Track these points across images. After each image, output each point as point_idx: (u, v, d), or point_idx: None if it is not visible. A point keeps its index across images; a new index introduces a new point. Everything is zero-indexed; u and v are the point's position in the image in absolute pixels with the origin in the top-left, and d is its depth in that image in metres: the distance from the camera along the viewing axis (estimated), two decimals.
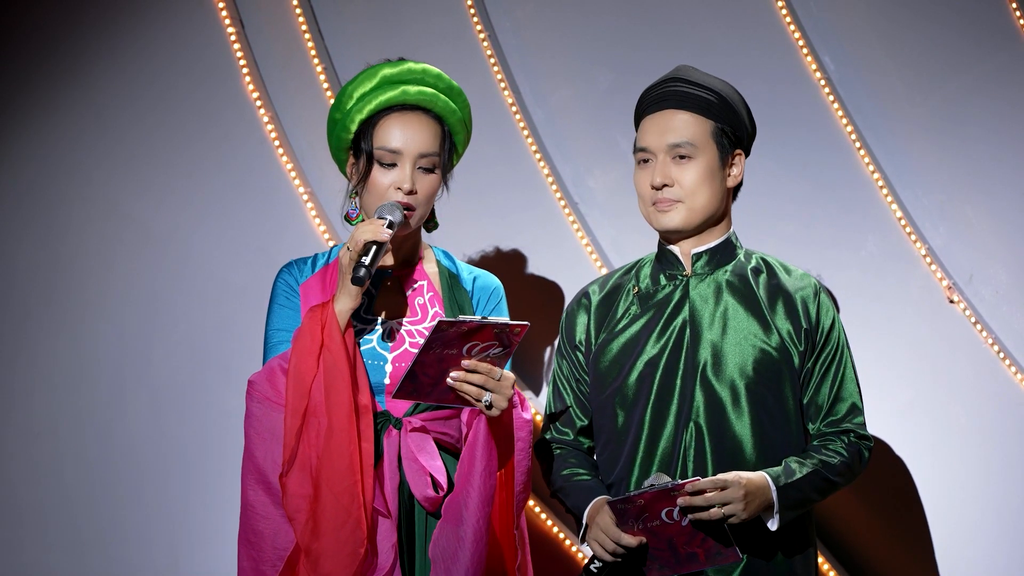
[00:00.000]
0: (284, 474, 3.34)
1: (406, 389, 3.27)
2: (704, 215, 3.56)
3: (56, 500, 4.66)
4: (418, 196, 3.47)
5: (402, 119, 3.49)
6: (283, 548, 3.35)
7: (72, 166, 4.75)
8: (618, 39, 4.68)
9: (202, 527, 4.60)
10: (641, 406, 3.53)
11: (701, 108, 3.56)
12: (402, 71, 3.51)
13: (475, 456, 3.34)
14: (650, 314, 3.59)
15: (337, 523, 3.32)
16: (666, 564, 3.40)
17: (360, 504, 3.33)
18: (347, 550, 3.32)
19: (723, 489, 3.34)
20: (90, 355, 4.68)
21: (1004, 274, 4.49)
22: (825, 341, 3.58)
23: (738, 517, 3.36)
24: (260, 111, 4.73)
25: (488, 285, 3.62)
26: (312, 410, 3.34)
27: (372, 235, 3.34)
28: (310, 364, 3.35)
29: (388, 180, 3.47)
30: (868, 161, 4.54)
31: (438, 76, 3.53)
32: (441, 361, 3.24)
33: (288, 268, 3.58)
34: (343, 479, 3.32)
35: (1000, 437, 4.44)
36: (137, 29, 4.79)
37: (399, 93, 3.49)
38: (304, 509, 3.33)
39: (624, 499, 3.34)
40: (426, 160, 3.48)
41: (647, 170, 3.57)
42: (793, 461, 3.48)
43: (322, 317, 3.37)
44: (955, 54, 4.53)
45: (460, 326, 3.19)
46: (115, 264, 4.71)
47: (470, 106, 3.58)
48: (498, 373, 3.28)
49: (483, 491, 3.33)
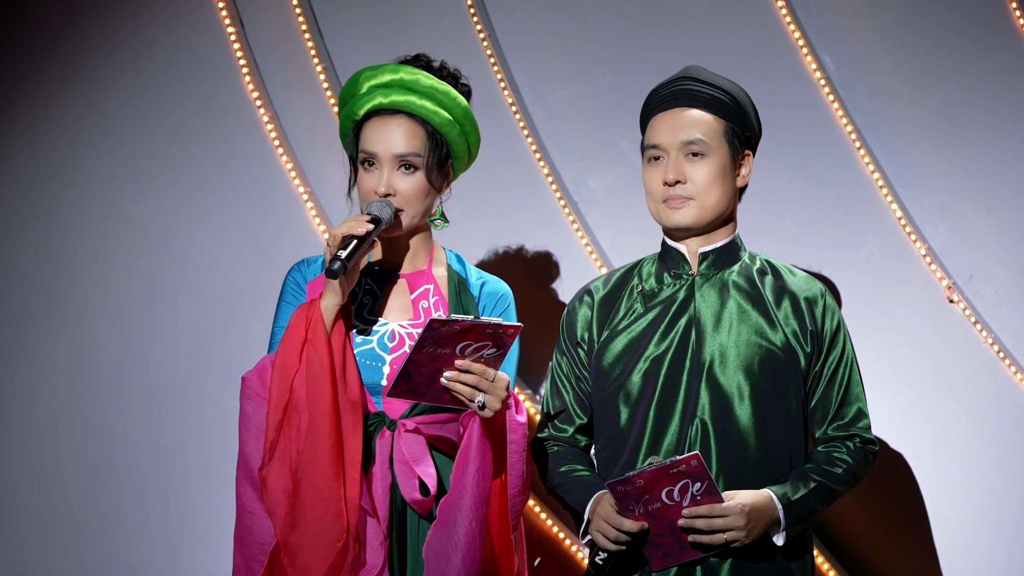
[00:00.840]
0: (263, 467, 3.35)
1: (400, 388, 3.27)
2: (715, 213, 3.56)
3: (56, 500, 4.66)
4: (401, 197, 3.49)
5: (380, 123, 3.52)
6: (267, 543, 3.36)
7: (72, 166, 4.75)
8: (618, 39, 4.68)
9: (202, 527, 4.60)
10: (645, 403, 3.53)
11: (714, 107, 3.56)
12: (377, 77, 3.54)
13: (468, 458, 3.35)
14: (655, 312, 3.59)
15: (316, 513, 3.32)
16: (669, 552, 3.40)
17: (340, 496, 3.33)
18: (326, 542, 3.32)
19: (723, 516, 3.35)
20: (90, 355, 4.68)
21: (1004, 274, 4.49)
22: (831, 344, 3.58)
23: (741, 542, 3.37)
24: (260, 111, 4.73)
25: (496, 291, 3.62)
26: (293, 405, 3.36)
27: (348, 229, 3.36)
28: (293, 359, 3.37)
29: (370, 183, 3.50)
30: (868, 161, 4.54)
31: (415, 80, 3.53)
32: (435, 360, 3.24)
33: (298, 266, 3.60)
34: (323, 472, 3.33)
35: (1000, 437, 4.44)
36: (137, 29, 4.79)
37: (376, 101, 3.52)
38: (283, 503, 3.34)
39: (624, 479, 3.34)
40: (403, 160, 3.50)
41: (658, 167, 3.57)
42: (798, 475, 3.49)
43: (308, 313, 3.40)
44: (955, 54, 4.53)
45: (452, 325, 3.19)
46: (115, 264, 4.71)
47: (466, 105, 3.58)
48: (491, 374, 3.28)
49: (476, 493, 3.33)
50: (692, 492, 3.34)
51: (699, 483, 3.33)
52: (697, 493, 3.34)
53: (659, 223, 3.61)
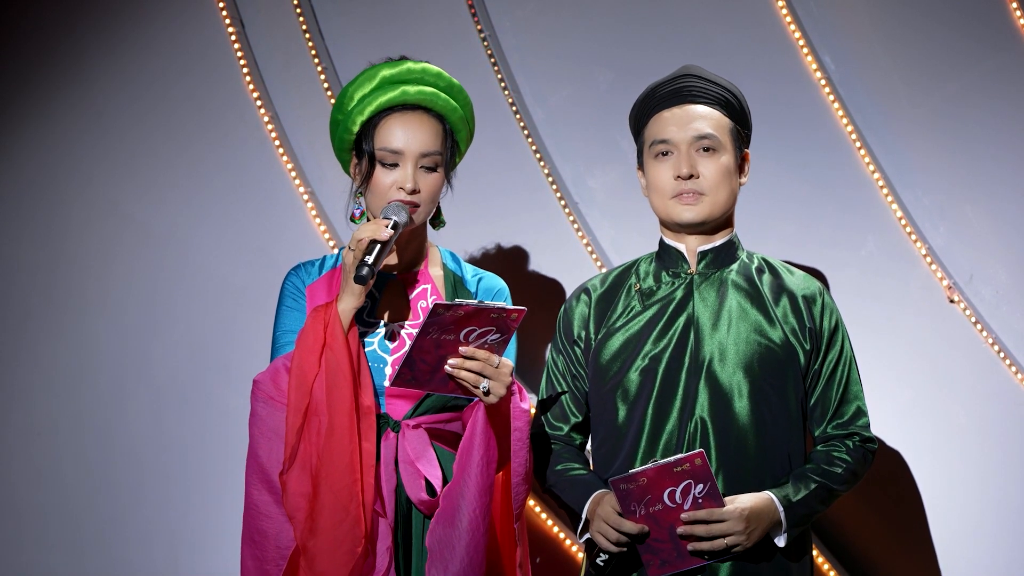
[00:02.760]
0: (284, 472, 3.34)
1: (404, 377, 3.26)
2: (723, 210, 3.57)
3: (56, 500, 4.66)
4: (421, 195, 3.47)
5: (403, 119, 3.49)
6: (286, 547, 3.35)
7: (72, 166, 4.75)
8: (618, 39, 4.68)
9: (202, 527, 4.60)
10: (643, 401, 3.53)
11: (720, 105, 3.57)
12: (401, 71, 3.51)
13: (473, 446, 3.34)
14: (653, 311, 3.59)
15: (335, 521, 3.31)
16: (667, 559, 3.39)
17: (359, 503, 3.33)
18: (344, 548, 3.31)
19: (722, 522, 3.35)
20: (90, 355, 4.69)
21: (1004, 274, 4.49)
22: (830, 342, 3.58)
23: (742, 546, 3.37)
24: (260, 111, 4.73)
25: (492, 287, 3.62)
26: (313, 409, 3.34)
27: (372, 234, 3.34)
28: (312, 362, 3.35)
29: (390, 180, 3.47)
30: (868, 161, 4.54)
31: (438, 75, 3.53)
32: (439, 347, 3.24)
33: (296, 270, 3.59)
34: (342, 477, 3.32)
35: (1000, 436, 4.44)
36: (137, 29, 4.79)
37: (399, 93, 3.50)
38: (303, 508, 3.33)
39: (627, 477, 3.33)
40: (428, 159, 3.48)
41: (667, 163, 3.56)
42: (798, 476, 3.49)
43: (325, 316, 3.38)
44: (956, 54, 4.53)
45: (456, 310, 3.19)
46: (115, 264, 4.72)
47: (472, 103, 3.59)
48: (496, 360, 3.28)
49: (480, 481, 3.33)
50: (694, 494, 3.34)
51: (701, 484, 3.32)
52: (699, 495, 3.33)
53: (666, 219, 3.60)
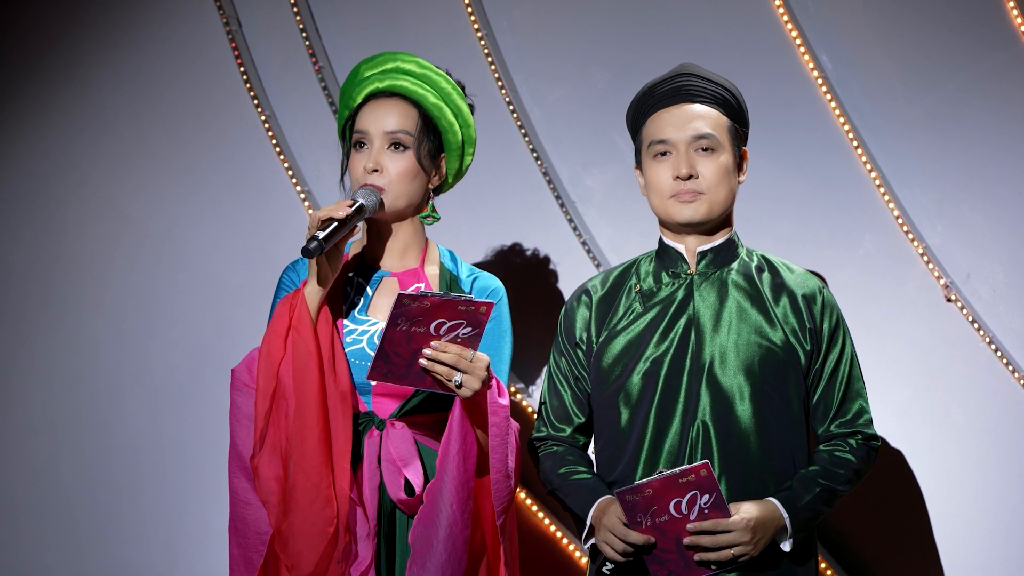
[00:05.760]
0: (255, 456, 3.36)
1: (380, 370, 3.27)
2: (722, 209, 3.57)
3: (54, 499, 4.66)
4: (389, 175, 3.50)
5: (374, 105, 3.57)
6: (264, 533, 3.38)
7: (69, 165, 4.76)
8: (615, 39, 4.68)
9: (200, 526, 4.61)
10: (646, 404, 3.52)
11: (719, 103, 3.57)
12: (376, 62, 3.59)
13: (450, 440, 3.35)
14: (654, 312, 3.58)
15: (307, 500, 3.33)
16: (674, 570, 3.38)
17: (329, 483, 3.34)
18: (316, 529, 3.33)
19: (729, 532, 3.35)
20: (88, 354, 4.69)
21: (1001, 273, 4.49)
22: (831, 341, 3.57)
23: (749, 555, 3.37)
24: (257, 110, 4.74)
25: (486, 287, 3.62)
26: (280, 392, 3.37)
27: (329, 212, 3.38)
28: (279, 346, 3.39)
29: (360, 164, 3.53)
30: (865, 160, 4.54)
31: (413, 62, 3.59)
32: (410, 340, 3.24)
33: (292, 266, 3.62)
34: (312, 457, 3.34)
35: (998, 436, 4.43)
36: (134, 28, 4.80)
37: (372, 85, 3.57)
38: (275, 491, 3.36)
39: (633, 488, 3.33)
40: (392, 137, 3.52)
41: (665, 163, 3.55)
42: (802, 480, 3.48)
43: (292, 300, 3.42)
44: (953, 53, 4.53)
45: (422, 301, 3.20)
46: (112, 263, 4.72)
47: (459, 90, 3.60)
48: (470, 354, 3.29)
49: (457, 476, 3.33)
50: (700, 505, 3.33)
51: (707, 495, 3.32)
52: (705, 506, 3.33)
53: (665, 219, 3.59)
